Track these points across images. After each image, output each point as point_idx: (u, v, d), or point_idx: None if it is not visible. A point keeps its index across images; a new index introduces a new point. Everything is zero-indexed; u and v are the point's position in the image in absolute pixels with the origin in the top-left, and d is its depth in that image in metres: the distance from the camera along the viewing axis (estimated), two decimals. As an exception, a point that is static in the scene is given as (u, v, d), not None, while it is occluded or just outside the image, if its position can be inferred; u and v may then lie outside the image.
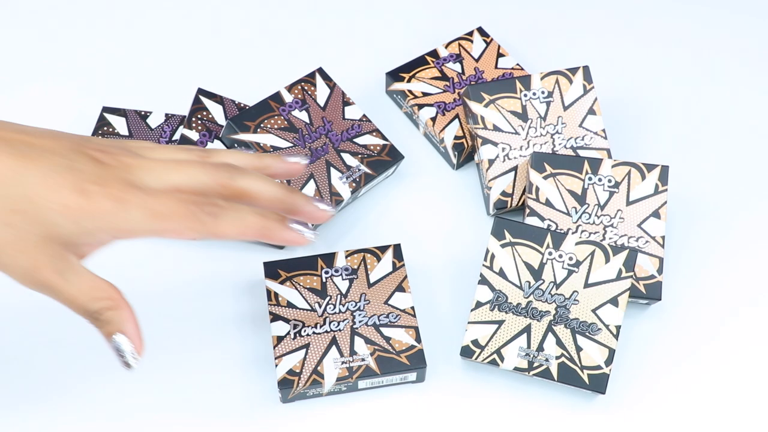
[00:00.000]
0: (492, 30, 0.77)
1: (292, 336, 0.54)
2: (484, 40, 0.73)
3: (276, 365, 0.53)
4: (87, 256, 0.42)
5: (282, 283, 0.57)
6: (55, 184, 0.39)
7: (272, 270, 0.57)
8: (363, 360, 0.54)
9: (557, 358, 0.55)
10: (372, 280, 0.57)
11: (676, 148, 0.71)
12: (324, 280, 0.57)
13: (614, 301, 0.56)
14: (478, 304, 0.57)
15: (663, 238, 0.61)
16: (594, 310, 0.56)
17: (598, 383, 0.55)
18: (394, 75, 0.71)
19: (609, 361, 0.55)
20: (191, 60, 0.76)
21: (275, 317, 0.55)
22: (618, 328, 0.56)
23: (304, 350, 0.54)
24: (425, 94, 0.69)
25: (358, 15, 0.79)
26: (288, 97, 0.65)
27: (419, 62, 0.71)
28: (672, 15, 0.80)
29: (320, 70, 0.68)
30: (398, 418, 0.56)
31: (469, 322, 0.56)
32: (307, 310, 0.55)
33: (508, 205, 0.64)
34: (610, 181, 0.62)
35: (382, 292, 0.57)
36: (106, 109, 0.68)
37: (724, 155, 0.71)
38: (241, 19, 0.79)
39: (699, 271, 0.64)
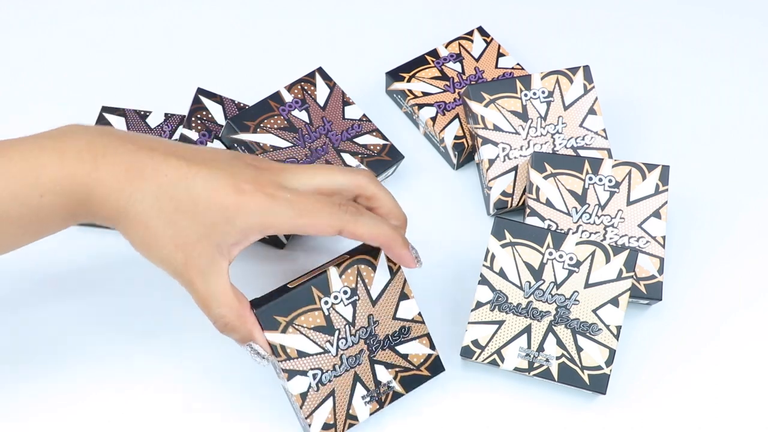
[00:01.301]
0: (492, 30, 0.77)
1: (315, 388, 0.50)
2: (485, 40, 0.73)
3: (309, 425, 0.50)
4: (234, 258, 0.47)
5: (284, 331, 0.49)
6: (217, 186, 0.44)
7: (268, 319, 0.49)
8: (389, 387, 0.52)
9: (558, 358, 0.55)
10: (374, 296, 0.52)
11: (676, 148, 0.70)
12: (327, 314, 0.50)
13: (615, 302, 0.56)
14: (479, 304, 0.57)
15: (663, 238, 0.60)
16: (594, 311, 0.56)
17: (599, 383, 0.55)
18: (394, 75, 0.71)
19: (609, 362, 0.55)
20: (191, 60, 0.75)
21: (291, 374, 0.49)
22: (618, 328, 0.55)
23: (331, 398, 0.51)
24: (425, 94, 0.69)
25: (358, 15, 0.79)
26: (288, 97, 0.65)
27: (419, 62, 0.71)
28: (672, 15, 0.80)
29: (320, 70, 0.67)
30: (398, 418, 0.56)
31: (469, 323, 0.56)
32: (320, 354, 0.50)
33: (509, 205, 0.64)
34: (610, 181, 0.62)
35: (388, 307, 0.53)
36: (105, 109, 0.67)
37: (724, 155, 0.70)
38: (240, 19, 0.79)
39: (699, 271, 0.64)
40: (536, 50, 0.77)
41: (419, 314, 0.53)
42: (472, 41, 0.72)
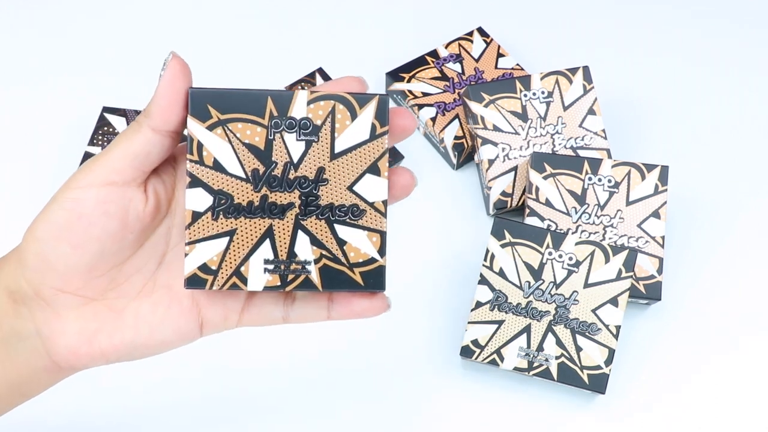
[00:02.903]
0: (492, 30, 0.77)
1: (213, 215, 0.37)
2: (484, 40, 0.73)
3: (186, 253, 0.37)
4: None
5: (212, 128, 0.38)
6: None
7: (200, 103, 0.37)
8: (303, 268, 0.38)
9: (557, 358, 0.55)
10: (338, 149, 0.38)
11: (676, 148, 0.71)
12: (271, 137, 0.38)
13: (614, 301, 0.56)
14: (478, 304, 0.57)
15: (663, 238, 0.61)
16: (594, 310, 0.56)
17: (598, 383, 0.55)
18: (394, 75, 0.71)
19: (609, 361, 0.55)
20: (191, 60, 0.75)
21: (194, 182, 0.37)
22: (618, 328, 0.56)
23: (227, 239, 0.37)
24: (425, 94, 0.69)
25: (358, 15, 0.79)
26: (288, 97, 0.65)
27: (419, 62, 0.71)
28: (672, 15, 0.80)
29: (320, 70, 0.68)
30: (397, 417, 0.56)
31: (469, 322, 0.56)
32: (240, 179, 0.38)
33: (508, 205, 0.65)
34: (609, 181, 0.62)
35: (348, 172, 0.39)
36: (106, 109, 0.68)
37: (724, 155, 0.71)
38: (240, 19, 0.79)
39: (699, 271, 0.64)
40: (536, 50, 0.77)
41: (384, 203, 0.39)
42: (471, 42, 0.73)
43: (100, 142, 0.65)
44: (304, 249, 0.38)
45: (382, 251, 0.39)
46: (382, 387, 0.57)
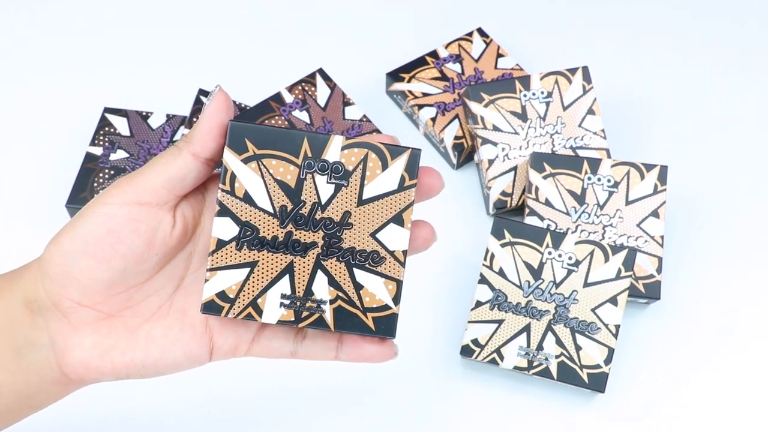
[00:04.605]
0: (491, 31, 0.77)
1: (237, 245, 0.38)
2: (484, 41, 0.73)
3: (206, 279, 0.38)
4: None
5: (247, 161, 0.39)
6: None
7: (238, 136, 0.38)
8: (318, 307, 0.39)
9: (557, 357, 0.55)
10: (366, 196, 0.40)
11: (675, 148, 0.71)
12: (303, 176, 0.39)
13: (613, 301, 0.56)
14: (478, 304, 0.57)
15: (662, 237, 0.61)
16: (593, 310, 0.56)
17: (598, 382, 0.55)
18: (394, 75, 0.71)
19: (608, 360, 0.55)
20: (192, 60, 0.76)
21: (223, 211, 0.38)
22: (617, 327, 0.56)
23: (248, 270, 0.39)
24: (425, 95, 0.69)
25: (358, 15, 0.80)
26: (288, 98, 0.66)
27: (419, 62, 0.71)
28: (672, 15, 0.81)
29: (320, 71, 0.68)
30: (397, 416, 0.56)
31: (469, 322, 0.57)
32: (268, 213, 0.39)
33: (508, 205, 0.65)
34: (609, 180, 0.62)
35: (373, 219, 0.40)
36: (107, 110, 0.68)
37: (724, 155, 0.71)
38: (241, 20, 0.79)
39: (698, 270, 0.64)
40: (535, 51, 0.77)
41: (404, 253, 0.40)
42: (471, 42, 0.73)
43: (101, 143, 0.66)
44: (322, 288, 0.39)
45: (396, 299, 0.39)
46: (382, 386, 0.57)
